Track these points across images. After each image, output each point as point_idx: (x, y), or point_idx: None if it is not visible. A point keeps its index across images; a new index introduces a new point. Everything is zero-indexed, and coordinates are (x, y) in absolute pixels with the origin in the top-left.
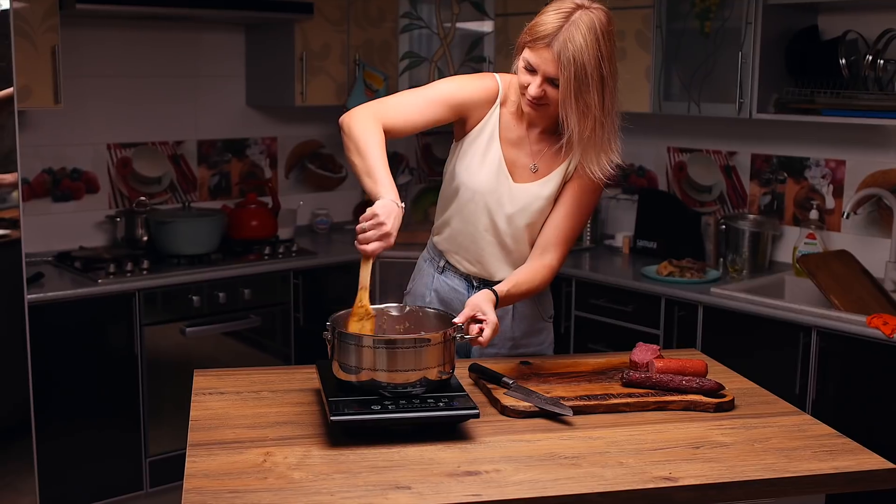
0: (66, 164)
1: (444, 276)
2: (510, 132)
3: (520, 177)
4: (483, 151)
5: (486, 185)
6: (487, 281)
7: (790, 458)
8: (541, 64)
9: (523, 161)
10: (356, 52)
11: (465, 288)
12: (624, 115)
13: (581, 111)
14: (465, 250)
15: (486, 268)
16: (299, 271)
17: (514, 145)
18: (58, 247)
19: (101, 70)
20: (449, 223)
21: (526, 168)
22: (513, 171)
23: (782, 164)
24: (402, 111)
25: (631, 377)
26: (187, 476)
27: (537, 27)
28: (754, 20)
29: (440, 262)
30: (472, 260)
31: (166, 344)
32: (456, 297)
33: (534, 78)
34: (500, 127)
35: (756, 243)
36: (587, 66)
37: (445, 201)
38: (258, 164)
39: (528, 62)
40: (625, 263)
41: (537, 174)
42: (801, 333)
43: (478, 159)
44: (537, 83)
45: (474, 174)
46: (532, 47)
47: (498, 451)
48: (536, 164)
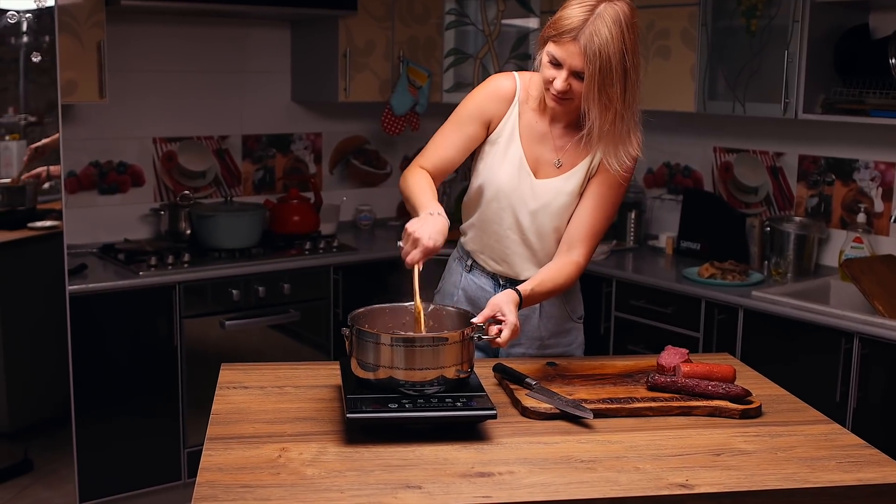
0: (112, 158)
1: (472, 275)
2: (532, 128)
3: (543, 173)
4: (504, 150)
5: (508, 182)
6: (514, 280)
7: (813, 468)
8: (566, 58)
9: (547, 156)
10: (400, 49)
11: (492, 287)
12: (643, 111)
13: (603, 104)
14: (490, 249)
15: (511, 267)
16: (339, 266)
17: (536, 141)
18: (103, 239)
19: (147, 65)
20: (474, 223)
21: (550, 164)
22: (535, 168)
23: (830, 165)
24: (437, 149)
25: (656, 381)
26: (201, 470)
27: (562, 21)
28: (801, 18)
29: (468, 262)
30: (498, 259)
31: (206, 336)
32: (483, 295)
33: (559, 72)
34: (521, 124)
35: (801, 246)
36: (612, 59)
37: (471, 201)
38: (302, 160)
39: (554, 56)
40: (667, 264)
41: (561, 169)
42: (842, 339)
43: (499, 158)
44: (563, 77)
45: (496, 172)
46: (557, 41)
47: (514, 452)
48: (561, 159)
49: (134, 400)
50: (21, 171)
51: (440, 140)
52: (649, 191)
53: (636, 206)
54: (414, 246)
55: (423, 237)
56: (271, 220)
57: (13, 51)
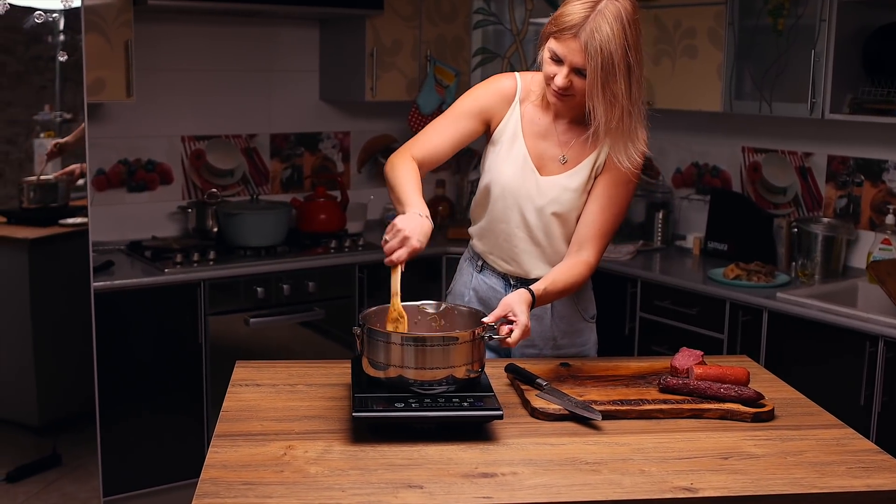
0: (140, 156)
1: (483, 276)
2: (535, 125)
3: (548, 170)
4: (508, 148)
5: (513, 180)
6: (524, 279)
7: (822, 473)
8: (567, 54)
9: (552, 153)
10: (428, 48)
11: (503, 287)
12: (650, 104)
13: (608, 101)
14: (499, 249)
15: (521, 266)
16: (364, 265)
17: (540, 138)
18: (131, 236)
19: (177, 64)
20: (483, 223)
21: (555, 160)
22: (540, 165)
23: (859, 166)
24: (429, 139)
25: (668, 383)
26: (206, 467)
27: (563, 17)
28: (828, 17)
29: (478, 262)
30: (507, 258)
31: (230, 334)
32: (494, 296)
33: (560, 68)
34: (524, 122)
35: (829, 248)
36: (614, 55)
37: (479, 202)
38: (330, 158)
39: (555, 53)
40: (694, 265)
41: (567, 165)
42: (867, 342)
43: (503, 156)
44: (564, 74)
45: (501, 171)
46: (558, 38)
47: (519, 453)
48: (566, 155)
49: (158, 396)
50: (42, 168)
51: (433, 131)
52: (677, 191)
53: (664, 206)
54: (401, 244)
55: (412, 236)
56: (298, 218)
57: (50, 49)
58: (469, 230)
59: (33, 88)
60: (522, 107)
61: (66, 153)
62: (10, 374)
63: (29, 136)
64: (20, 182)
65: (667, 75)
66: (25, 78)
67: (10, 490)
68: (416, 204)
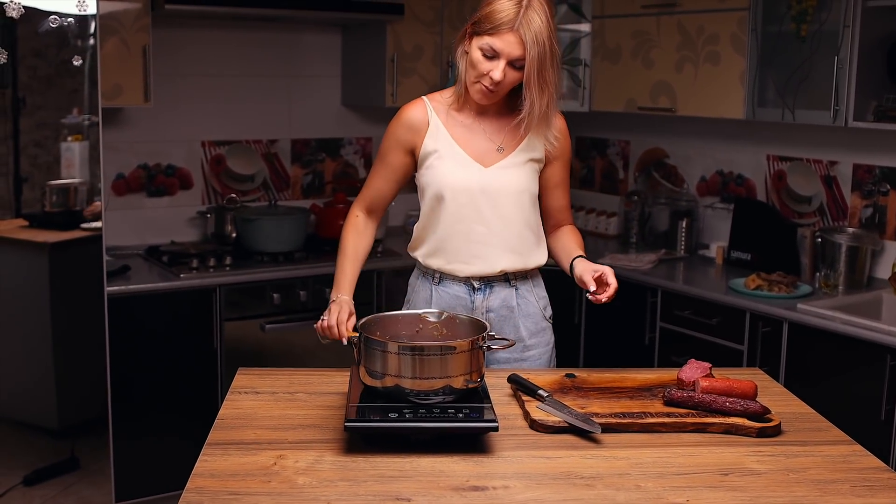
0: (160, 161)
1: (443, 286)
2: (462, 128)
3: (488, 161)
4: (445, 156)
5: (462, 180)
6: (486, 277)
7: (824, 491)
8: (505, 48)
9: (486, 146)
10: (449, 54)
11: (467, 292)
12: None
13: (541, 87)
14: (458, 254)
15: (486, 261)
16: (382, 272)
17: (471, 137)
18: (151, 241)
19: (197, 69)
20: (436, 237)
21: (491, 151)
22: (480, 159)
23: (885, 175)
24: (370, 188)
25: (672, 396)
26: (193, 475)
27: (496, 14)
28: (852, 23)
29: (435, 276)
30: (469, 259)
31: (246, 339)
32: (458, 303)
33: (496, 63)
34: (450, 129)
35: (853, 258)
36: (546, 43)
37: (426, 219)
38: (352, 164)
39: (492, 48)
40: (716, 275)
41: (504, 153)
42: (888, 356)
43: (443, 163)
44: (501, 67)
45: (445, 175)
46: (494, 34)
47: (513, 466)
48: (501, 145)
49: (173, 402)
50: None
51: (371, 178)
52: (702, 199)
53: (688, 214)
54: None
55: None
56: (317, 224)
57: (68, 53)
58: (416, 256)
59: (64, 92)
60: (442, 118)
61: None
62: (29, 378)
63: (57, 140)
64: (44, 185)
65: (689, 82)
66: (56, 82)
67: (27, 493)
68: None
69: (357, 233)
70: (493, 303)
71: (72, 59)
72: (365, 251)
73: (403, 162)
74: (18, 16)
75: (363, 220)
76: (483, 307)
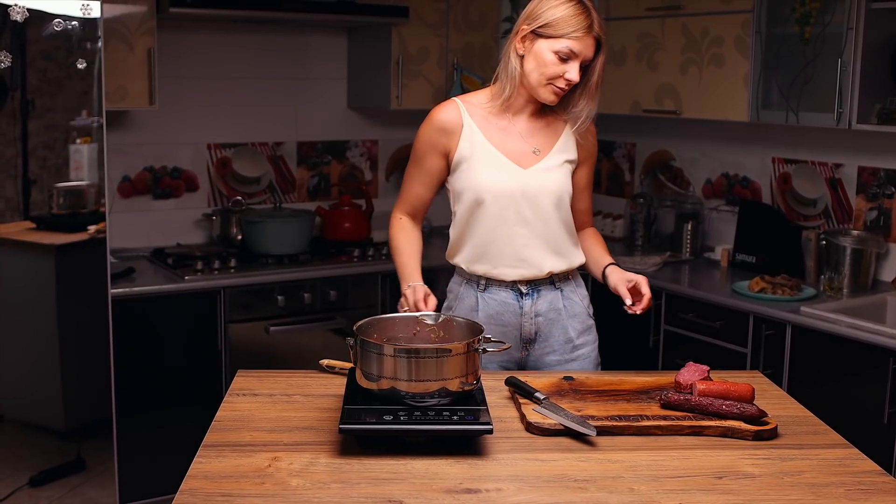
0: (166, 163)
1: (489, 293)
2: (496, 131)
3: (525, 163)
4: (481, 158)
5: (500, 182)
6: (533, 280)
7: (818, 494)
8: (584, 50)
9: (521, 148)
10: (455, 56)
11: (515, 297)
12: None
13: (599, 89)
14: (503, 257)
15: (531, 263)
16: (387, 274)
17: (506, 139)
18: (157, 243)
19: (203, 71)
20: (478, 242)
21: (527, 153)
22: (518, 161)
23: (890, 177)
24: (408, 191)
25: (669, 399)
26: (187, 477)
27: (572, 18)
28: (856, 25)
29: (480, 283)
30: (515, 262)
31: (250, 342)
32: (505, 309)
33: (571, 65)
34: (484, 132)
35: (858, 261)
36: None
37: (464, 224)
38: (358, 167)
39: (571, 50)
40: (721, 277)
41: (540, 154)
42: (890, 359)
43: (480, 167)
44: (577, 69)
45: (483, 180)
46: (572, 37)
47: (507, 469)
48: (537, 148)
49: (178, 403)
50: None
51: (407, 182)
52: (707, 202)
53: (693, 216)
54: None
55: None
56: (323, 226)
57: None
58: (457, 262)
59: (74, 94)
60: (476, 122)
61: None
62: (36, 379)
63: (66, 142)
64: (51, 188)
65: (694, 84)
66: (66, 84)
67: (34, 494)
68: (406, 277)
69: (405, 231)
70: (542, 307)
71: (76, 62)
72: (418, 245)
73: (439, 166)
74: (23, 19)
75: (407, 221)
76: (532, 312)
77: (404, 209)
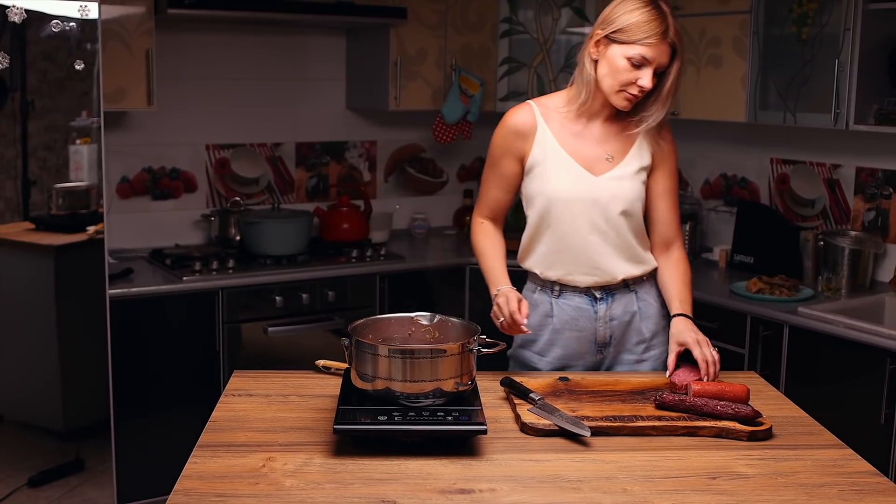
0: (165, 164)
1: (563, 299)
2: (570, 136)
3: (598, 170)
4: (554, 164)
5: (572, 190)
6: (606, 286)
7: (811, 495)
8: (657, 56)
9: (595, 154)
10: (453, 57)
11: (589, 303)
12: (675, 113)
13: (673, 95)
14: (577, 264)
15: (604, 271)
16: (385, 275)
17: (579, 145)
18: (155, 243)
19: (201, 72)
20: (550, 247)
21: (601, 160)
22: (590, 168)
23: (888, 178)
24: (486, 197)
25: (664, 399)
26: (182, 477)
27: (646, 24)
28: (853, 26)
29: (554, 289)
30: (589, 269)
31: (248, 342)
32: (580, 315)
33: (644, 71)
34: (557, 137)
35: (856, 262)
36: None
37: (536, 229)
38: (357, 167)
39: (644, 57)
40: (719, 278)
41: (614, 161)
42: (887, 359)
43: (552, 173)
44: (650, 75)
45: (556, 187)
46: (645, 43)
47: (501, 469)
48: (610, 154)
49: (176, 404)
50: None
51: (484, 186)
52: (705, 202)
53: (692, 217)
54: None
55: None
56: (321, 227)
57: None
58: (530, 267)
59: (74, 95)
60: (550, 126)
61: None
62: (35, 380)
63: (66, 143)
64: (51, 188)
65: (692, 85)
66: (66, 85)
67: (32, 494)
68: (494, 282)
69: (488, 234)
70: (616, 311)
71: (74, 63)
72: (502, 248)
73: (514, 169)
74: (21, 20)
75: (489, 224)
76: (607, 316)
77: (484, 213)
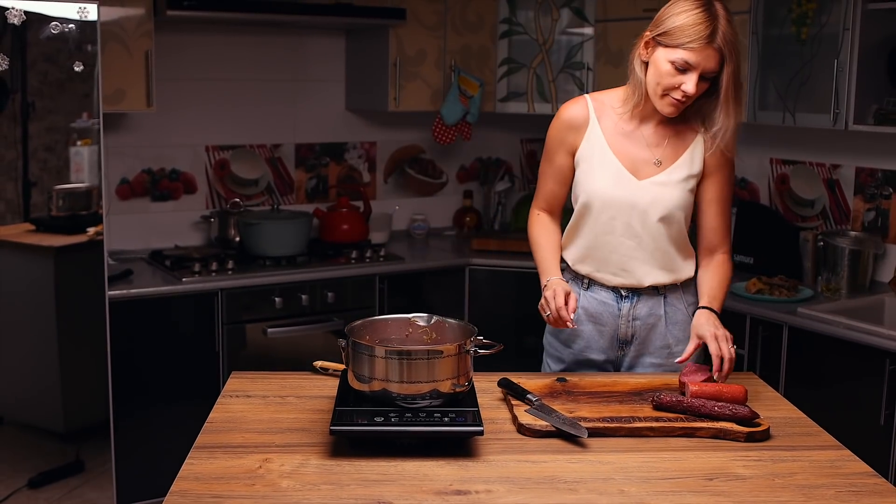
0: (165, 165)
1: (591, 292)
2: (620, 135)
3: (643, 173)
4: (599, 163)
5: (612, 190)
6: (634, 289)
7: (808, 496)
8: (701, 61)
9: (643, 157)
10: (453, 58)
11: (614, 299)
12: None
13: (738, 103)
14: (608, 263)
15: (632, 275)
16: (385, 276)
17: (628, 146)
18: (155, 245)
19: (201, 73)
20: (585, 243)
21: (648, 164)
22: (634, 170)
23: (887, 178)
24: (543, 189)
25: (662, 400)
26: (178, 478)
27: (691, 28)
28: (852, 26)
29: (584, 281)
30: (617, 270)
31: (248, 343)
32: (605, 310)
33: (689, 76)
34: (607, 135)
35: (855, 262)
36: (739, 55)
37: (575, 223)
38: (356, 168)
39: (686, 61)
40: None
41: (661, 167)
42: (886, 360)
43: (595, 171)
44: (695, 81)
45: (596, 186)
46: (689, 48)
47: (498, 470)
48: (659, 158)
49: (175, 405)
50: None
51: (541, 179)
52: None
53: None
54: (558, 313)
55: (554, 304)
56: (321, 228)
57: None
58: (566, 258)
59: (75, 96)
60: (602, 123)
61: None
62: (35, 381)
63: (67, 144)
64: (51, 190)
65: None
66: (67, 86)
67: (32, 496)
68: (544, 273)
69: (543, 225)
70: (640, 311)
71: (74, 64)
72: (556, 239)
73: (568, 163)
74: (20, 22)
75: (545, 216)
76: (630, 315)
77: (540, 206)
